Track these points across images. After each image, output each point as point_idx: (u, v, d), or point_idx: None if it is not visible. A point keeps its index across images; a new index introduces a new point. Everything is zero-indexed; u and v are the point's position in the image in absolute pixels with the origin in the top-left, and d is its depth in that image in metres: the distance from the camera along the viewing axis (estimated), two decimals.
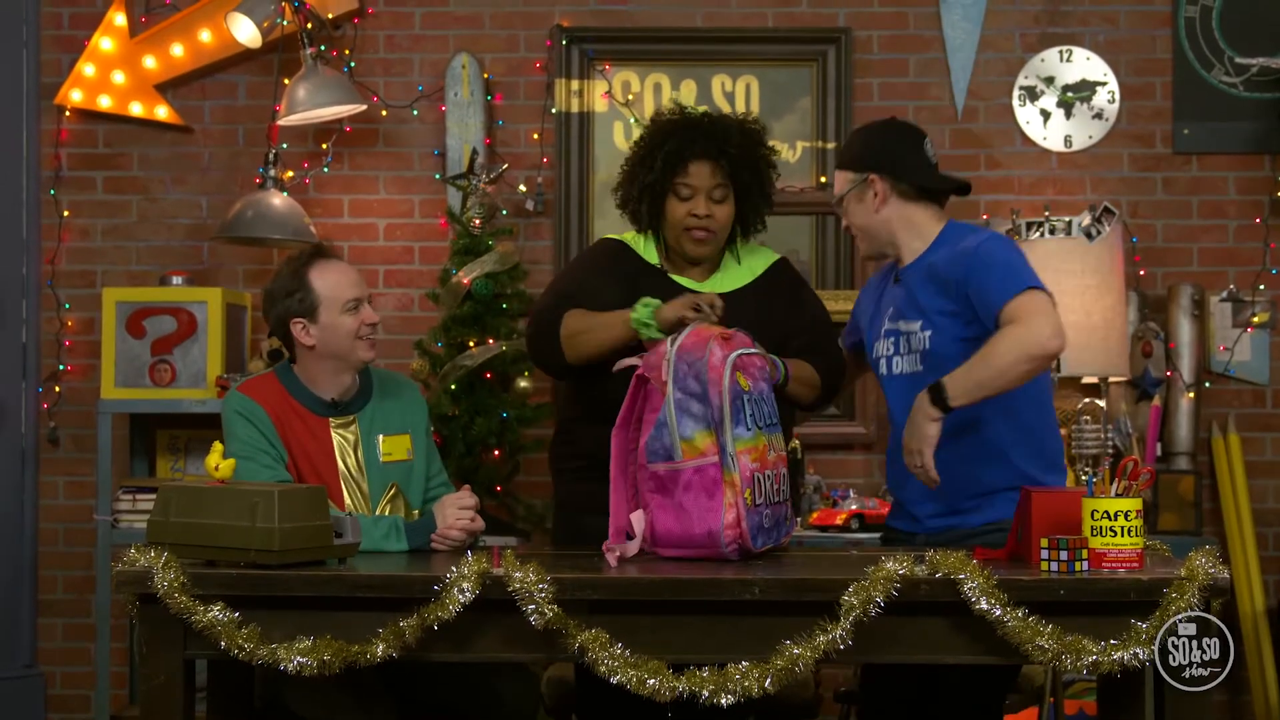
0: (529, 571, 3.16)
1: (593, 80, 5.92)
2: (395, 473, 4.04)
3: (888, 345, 3.96)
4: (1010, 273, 3.74)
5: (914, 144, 4.00)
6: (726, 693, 3.11)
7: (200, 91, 5.99)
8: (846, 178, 3.98)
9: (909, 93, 5.93)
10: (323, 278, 3.97)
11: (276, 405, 3.96)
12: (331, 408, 4.01)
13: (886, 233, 3.95)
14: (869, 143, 4.02)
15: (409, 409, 4.14)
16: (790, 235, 5.87)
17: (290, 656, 3.19)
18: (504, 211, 5.78)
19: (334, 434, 4.00)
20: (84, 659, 5.83)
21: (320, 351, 3.98)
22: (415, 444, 4.10)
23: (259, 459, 3.85)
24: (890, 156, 3.95)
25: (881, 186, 3.92)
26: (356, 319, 3.97)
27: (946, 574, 3.14)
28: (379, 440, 4.03)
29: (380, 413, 4.06)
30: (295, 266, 4.00)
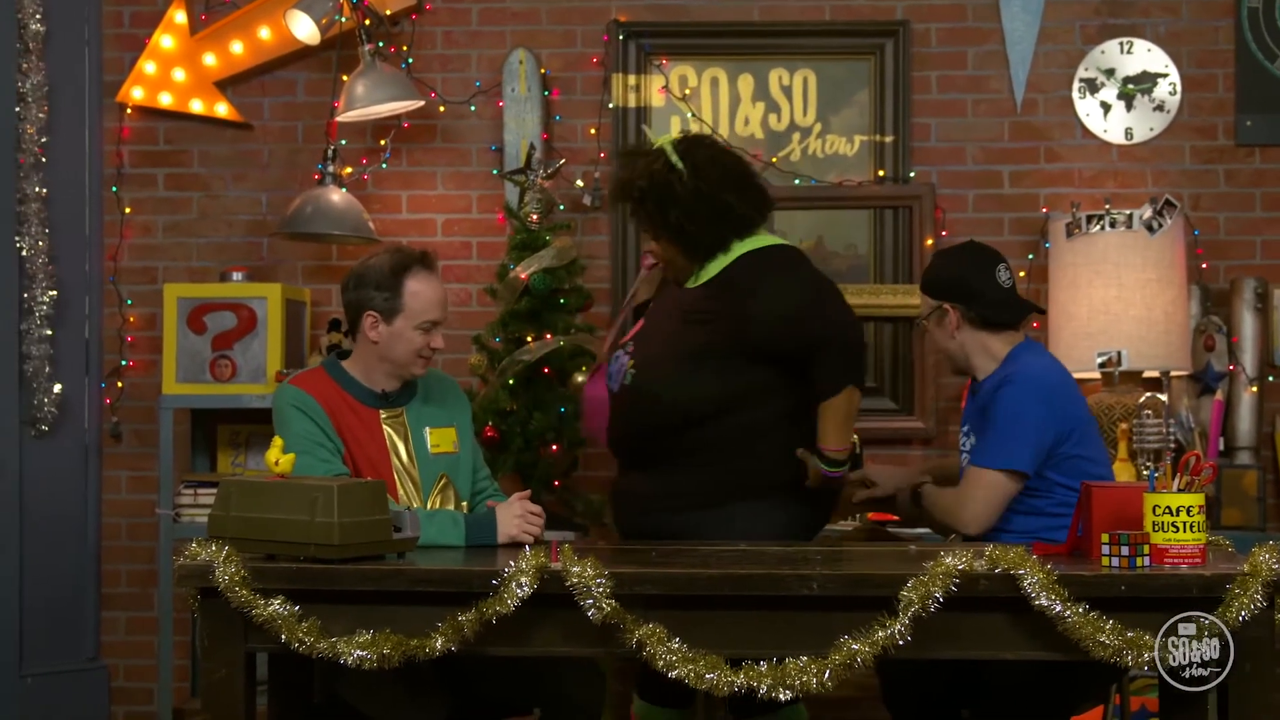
0: (587, 566, 3.16)
1: (649, 75, 5.91)
2: (444, 464, 4.08)
3: (963, 443, 4.32)
4: (999, 441, 4.03)
5: (988, 273, 4.23)
6: (785, 688, 3.11)
7: (260, 88, 6.03)
8: (927, 303, 4.27)
9: (968, 85, 5.89)
10: (416, 290, 4.02)
11: (329, 397, 4.00)
12: (381, 399, 4.06)
13: (962, 355, 4.25)
14: (945, 271, 4.29)
15: (453, 403, 4.21)
16: (848, 229, 5.85)
17: (350, 650, 3.21)
18: (561, 206, 5.78)
19: (384, 425, 4.04)
20: (147, 652, 5.87)
21: (379, 351, 4.03)
22: (461, 437, 4.15)
23: (316, 452, 3.88)
24: (963, 288, 4.21)
25: (955, 316, 4.21)
26: (425, 339, 4.03)
27: (1006, 569, 3.13)
28: (427, 432, 4.08)
29: (426, 406, 4.13)
30: (397, 265, 4.03)
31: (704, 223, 4.25)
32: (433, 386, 4.18)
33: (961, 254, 4.32)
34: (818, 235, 5.88)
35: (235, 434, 5.77)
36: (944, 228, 5.78)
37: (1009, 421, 4.01)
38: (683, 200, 4.24)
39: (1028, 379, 4.07)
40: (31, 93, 5.63)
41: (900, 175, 5.82)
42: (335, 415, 3.98)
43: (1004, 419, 4.02)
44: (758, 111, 5.91)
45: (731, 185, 4.29)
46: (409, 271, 4.03)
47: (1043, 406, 4.02)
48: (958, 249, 4.41)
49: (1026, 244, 5.81)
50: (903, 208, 5.81)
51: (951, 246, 4.51)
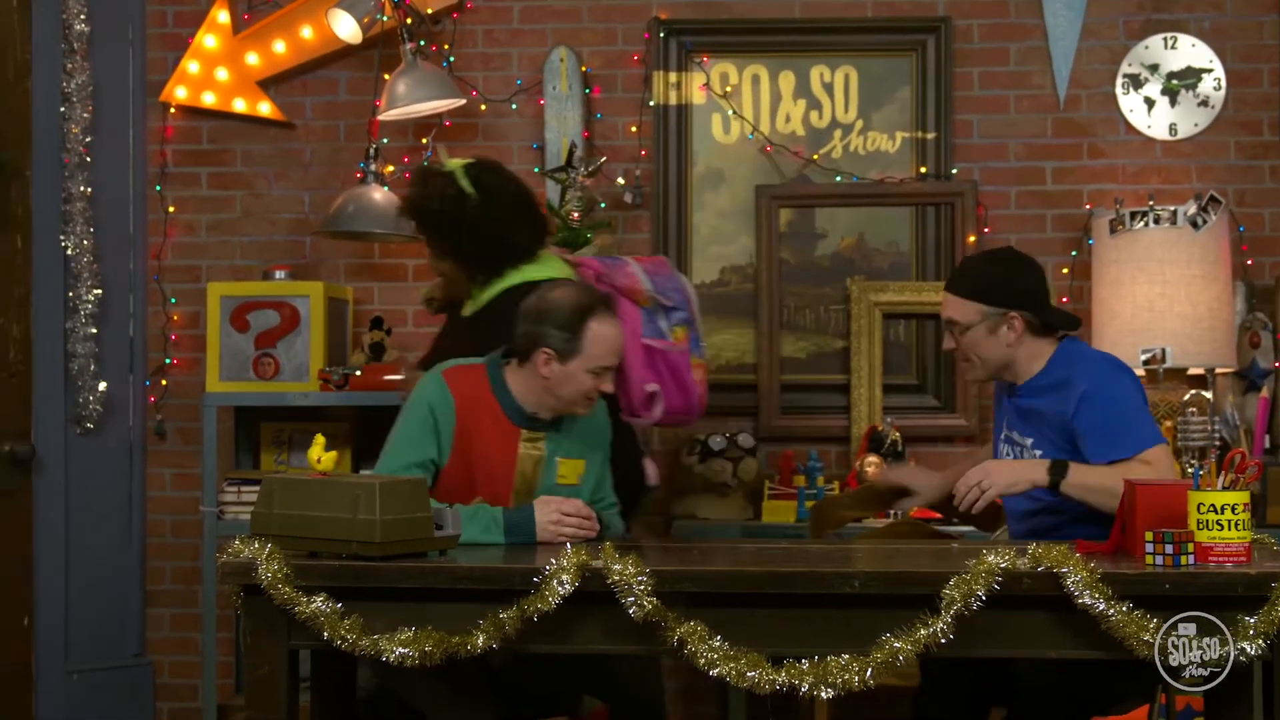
0: (628, 564, 3.17)
1: (690, 72, 5.91)
2: (562, 494, 4.03)
3: (1005, 450, 4.16)
4: (1131, 425, 3.88)
5: (1043, 279, 4.15)
6: (827, 686, 3.11)
7: (302, 87, 6.05)
8: (978, 309, 4.05)
9: (1010, 82, 5.87)
10: (597, 336, 3.95)
11: (472, 399, 3.99)
12: (528, 422, 4.03)
13: (1009, 362, 4.08)
14: (1008, 280, 4.09)
15: (592, 434, 4.15)
16: (890, 226, 5.84)
17: (392, 647, 3.22)
18: (602, 204, 5.79)
19: (521, 446, 4.02)
20: (191, 648, 5.90)
21: (548, 386, 3.98)
22: (588, 470, 4.11)
23: (404, 456, 3.92)
24: (1033, 297, 4.08)
25: (1020, 325, 4.03)
26: (595, 382, 3.98)
27: (1049, 567, 3.12)
28: (557, 462, 4.06)
29: (567, 436, 4.09)
30: (581, 308, 3.96)
31: (486, 247, 4.45)
32: (580, 416, 4.10)
33: (1018, 261, 4.19)
34: (859, 233, 5.87)
35: (278, 431, 5.80)
36: (986, 225, 5.76)
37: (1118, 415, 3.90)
38: (471, 224, 4.45)
39: (1109, 365, 4.03)
40: (76, 92, 5.67)
41: (942, 172, 5.80)
42: (468, 418, 3.98)
43: (1112, 419, 3.89)
44: (799, 108, 5.90)
45: (515, 213, 4.52)
46: (593, 314, 3.96)
47: (1136, 386, 4.00)
48: (1011, 255, 4.23)
49: (1069, 241, 5.78)
50: (944, 205, 5.79)
51: (994, 254, 4.31)
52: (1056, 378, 4.02)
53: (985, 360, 4.09)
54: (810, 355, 5.87)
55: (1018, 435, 4.11)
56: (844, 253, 5.88)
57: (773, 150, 5.87)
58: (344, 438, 5.74)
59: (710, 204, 5.91)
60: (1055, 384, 4.01)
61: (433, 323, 5.78)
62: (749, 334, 5.87)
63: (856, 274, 5.83)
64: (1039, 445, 4.02)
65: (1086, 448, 3.89)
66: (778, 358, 5.82)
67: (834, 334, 5.85)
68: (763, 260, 5.82)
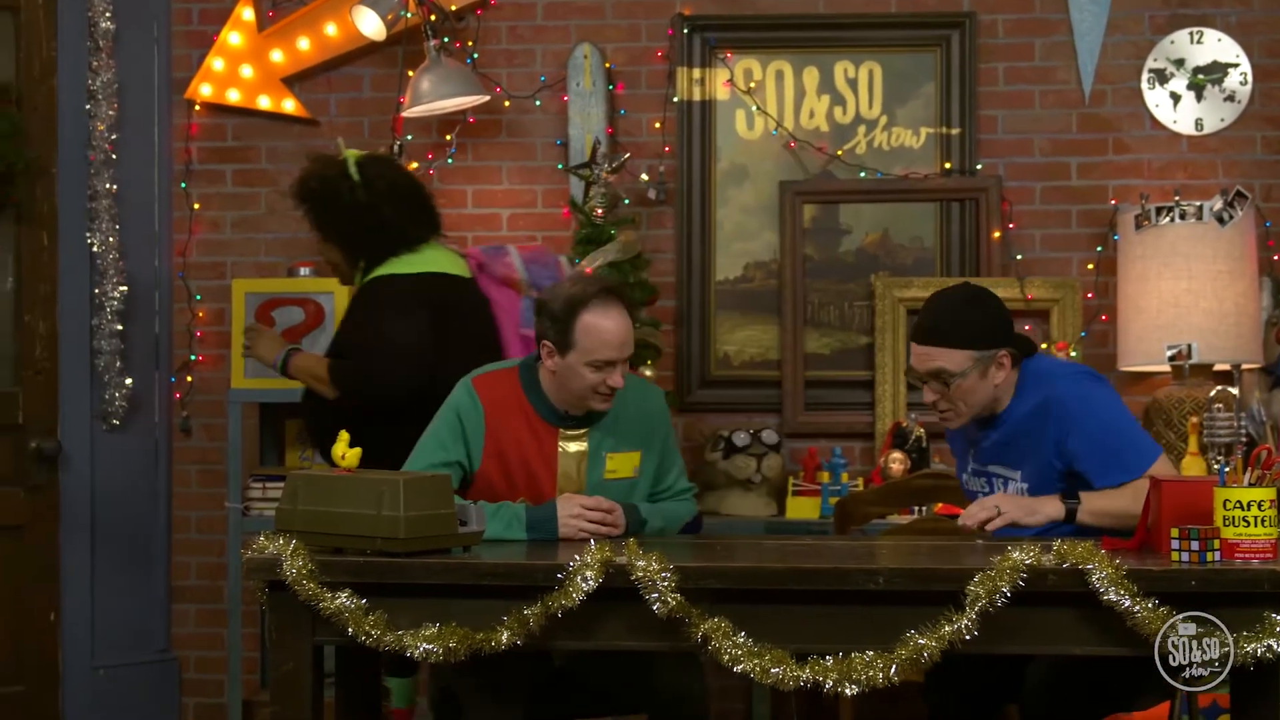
0: (652, 560, 3.17)
1: (714, 68, 5.91)
2: (614, 489, 4.00)
3: (980, 483, 4.05)
4: (1128, 444, 3.83)
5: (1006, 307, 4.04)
6: (850, 682, 3.10)
7: (326, 84, 6.06)
8: (969, 356, 3.86)
9: (1035, 77, 5.85)
10: (589, 328, 3.85)
11: (502, 403, 3.96)
12: (562, 420, 4.00)
13: (992, 398, 3.94)
14: (988, 320, 3.93)
15: (647, 423, 4.08)
16: (914, 221, 5.83)
17: (416, 643, 3.23)
18: (626, 201, 5.78)
19: (561, 444, 3.99)
20: (217, 644, 5.92)
21: (558, 380, 3.94)
22: (644, 461, 4.07)
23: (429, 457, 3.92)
24: (1010, 330, 3.96)
25: (1009, 362, 3.92)
26: (599, 377, 3.88)
27: (1074, 564, 3.11)
28: (605, 458, 4.02)
29: (614, 428, 4.03)
30: (573, 298, 3.89)
31: (363, 232, 4.63)
32: (630, 404, 4.04)
33: (986, 297, 4.02)
34: (884, 228, 5.86)
35: (303, 428, 5.81)
36: (1011, 220, 5.74)
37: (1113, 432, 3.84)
38: (347, 207, 4.63)
39: (1082, 379, 3.94)
40: (102, 90, 5.69)
41: (967, 168, 5.78)
42: (499, 424, 3.95)
43: (1109, 438, 3.82)
44: (823, 104, 5.89)
45: (395, 201, 4.67)
46: (586, 306, 3.86)
47: (1116, 397, 3.94)
48: (976, 294, 4.04)
49: (1095, 236, 5.76)
50: (969, 200, 5.78)
51: (963, 296, 3.99)
52: (1034, 403, 3.90)
53: (972, 405, 3.92)
54: (834, 351, 5.86)
55: (1000, 468, 3.98)
56: (868, 249, 5.87)
57: (797, 146, 5.86)
58: None
59: (734, 200, 5.91)
60: (1035, 410, 3.89)
61: None
62: (773, 330, 5.86)
63: (881, 270, 5.82)
64: (1029, 478, 3.91)
65: (1091, 476, 3.81)
66: (802, 354, 5.82)
67: (858, 330, 5.84)
68: (787, 256, 5.82)
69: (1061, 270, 5.77)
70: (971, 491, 4.09)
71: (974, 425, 4.01)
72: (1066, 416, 3.83)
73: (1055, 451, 3.84)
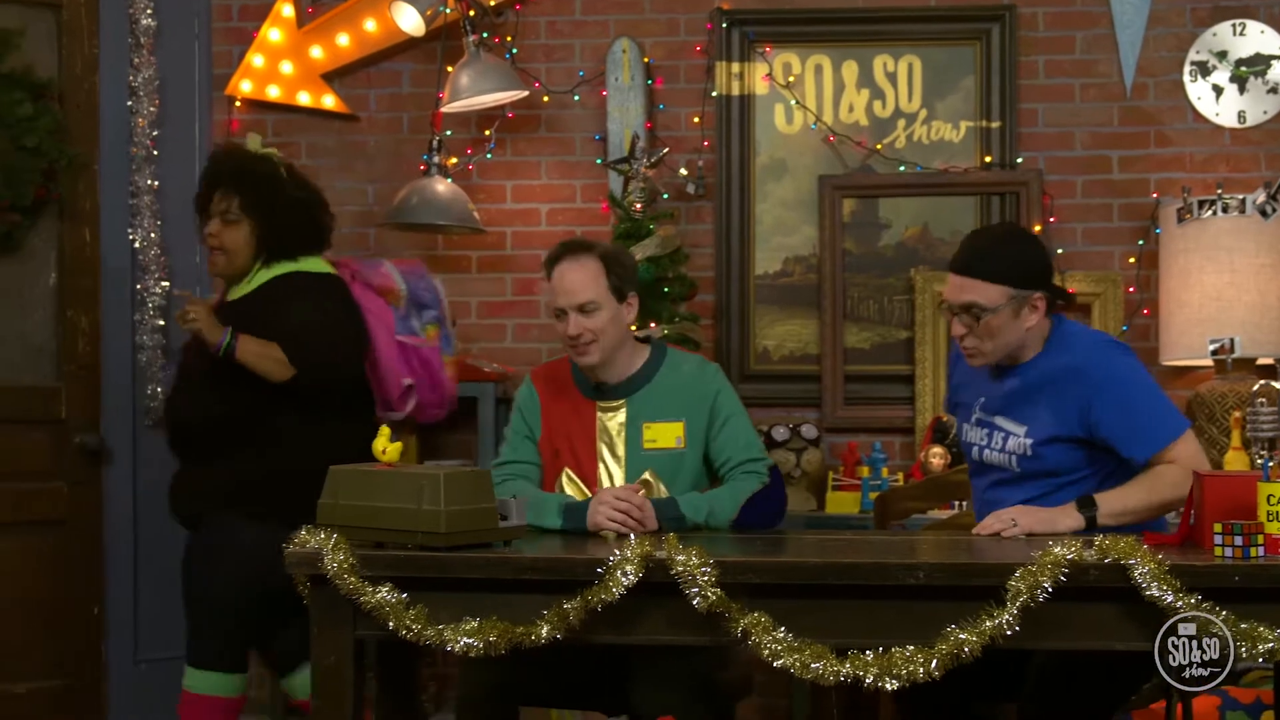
0: (692, 555, 3.16)
1: (753, 63, 5.90)
2: (657, 460, 4.03)
3: (979, 434, 4.00)
4: (1154, 417, 3.78)
5: (1050, 253, 4.02)
6: (891, 677, 3.09)
7: (365, 80, 6.08)
8: (1004, 292, 3.84)
9: (1075, 70, 5.82)
10: (555, 277, 4.04)
11: (553, 384, 4.13)
12: (595, 391, 4.08)
13: (1020, 342, 3.91)
14: (1029, 259, 3.91)
15: (690, 393, 4.08)
16: (954, 215, 5.81)
17: (456, 637, 3.23)
18: (665, 195, 5.78)
19: (599, 417, 4.07)
20: None
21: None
22: (689, 432, 4.06)
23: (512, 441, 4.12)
24: (1048, 274, 3.93)
25: (1043, 305, 3.88)
26: (562, 327, 4.01)
27: (1116, 559, 3.09)
28: (643, 428, 4.05)
29: (653, 399, 4.06)
30: (552, 254, 4.09)
31: (294, 224, 4.67)
32: (674, 377, 4.09)
33: (1031, 238, 4.04)
34: (923, 222, 5.84)
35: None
36: (1052, 214, 5.72)
37: (1142, 398, 3.79)
38: (287, 197, 4.68)
39: (1110, 347, 3.89)
40: (143, 86, 5.73)
41: (1007, 161, 5.76)
42: (550, 405, 4.10)
43: (1139, 403, 3.78)
44: (862, 98, 5.88)
45: (321, 206, 4.82)
46: (559, 259, 4.05)
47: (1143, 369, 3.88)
48: (1021, 232, 4.05)
49: (1136, 230, 5.73)
50: (1009, 194, 5.75)
51: (1007, 232, 4.09)
52: (1062, 364, 3.86)
53: (999, 345, 3.88)
54: (874, 346, 5.85)
55: (1006, 421, 3.92)
56: (908, 243, 5.85)
57: (836, 140, 5.85)
58: (409, 429, 5.76)
59: (773, 194, 5.90)
60: (1062, 371, 3.85)
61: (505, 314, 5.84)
62: (812, 325, 5.85)
63: (920, 264, 5.81)
64: (1034, 434, 3.85)
65: (1118, 445, 3.78)
66: (841, 348, 5.81)
67: (898, 324, 5.83)
68: (826, 250, 5.81)
69: (1103, 264, 5.74)
70: (968, 443, 4.04)
71: (990, 370, 3.98)
72: (1095, 383, 3.79)
73: (1079, 419, 3.80)
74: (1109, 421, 3.78)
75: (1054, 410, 3.83)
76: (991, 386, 3.99)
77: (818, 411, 5.80)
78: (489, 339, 5.97)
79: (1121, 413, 3.78)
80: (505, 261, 5.99)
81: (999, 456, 3.93)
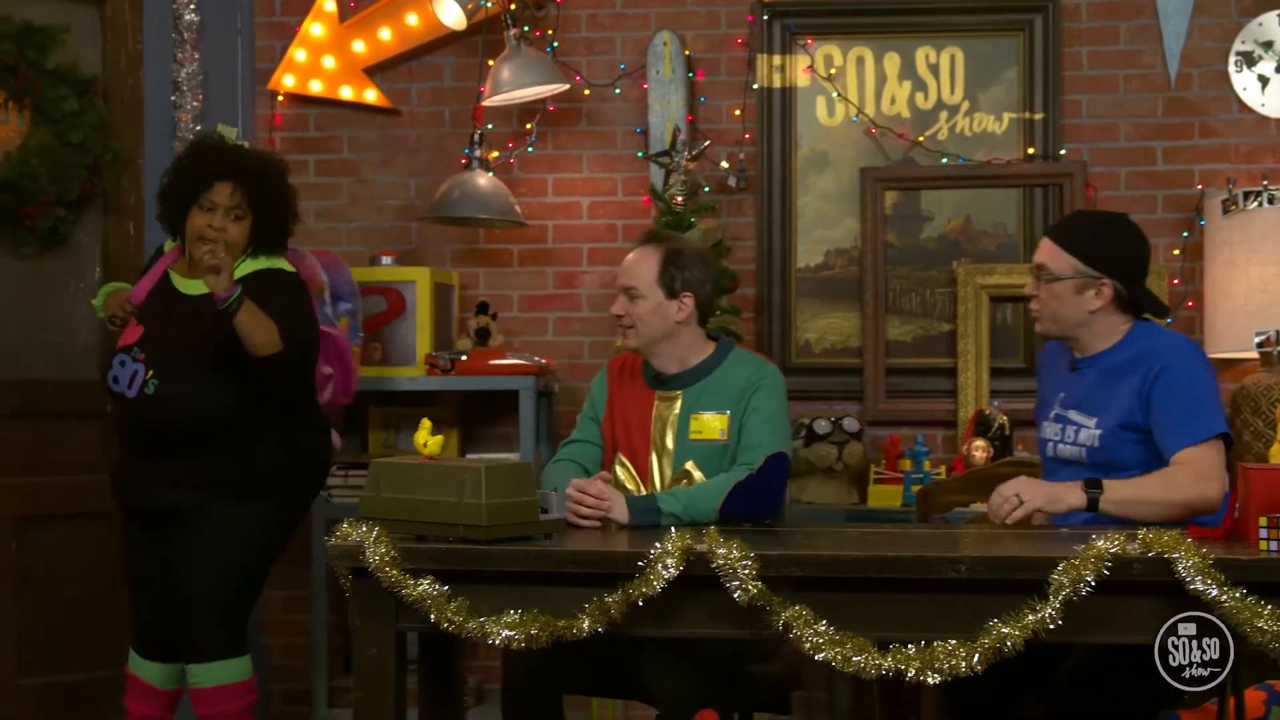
0: (733, 548, 3.16)
1: (794, 55, 5.88)
2: (701, 451, 4.07)
3: (1055, 430, 4.01)
4: (1195, 413, 3.76)
5: (1148, 257, 4.02)
6: (933, 671, 3.08)
7: (407, 74, 6.09)
8: (1073, 265, 3.91)
9: (1119, 61, 5.79)
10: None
11: (625, 372, 4.27)
12: (655, 381, 4.18)
13: (1083, 327, 3.95)
14: (1113, 245, 3.95)
15: (741, 389, 4.10)
16: (997, 208, 5.78)
17: (498, 630, 3.24)
18: (706, 188, 5.78)
19: (656, 406, 4.15)
20: (302, 630, 5.97)
21: None
22: (733, 425, 4.08)
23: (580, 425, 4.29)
24: (1130, 267, 3.95)
25: (1110, 293, 3.91)
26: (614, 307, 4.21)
27: (1160, 553, 3.07)
28: (691, 418, 4.10)
29: (707, 391, 4.12)
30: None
31: (286, 223, 4.59)
32: (729, 371, 4.14)
33: (1128, 231, 4.03)
34: (965, 215, 5.82)
35: (386, 416, 5.85)
36: (1095, 206, 5.69)
37: (1192, 391, 3.78)
38: (289, 190, 4.60)
39: (1185, 348, 3.89)
40: (186, 81, 5.76)
41: (1050, 153, 5.73)
42: (617, 392, 4.23)
43: (1185, 393, 3.78)
44: (904, 90, 5.86)
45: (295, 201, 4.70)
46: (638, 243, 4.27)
47: (1212, 374, 3.88)
48: (1124, 224, 4.08)
49: (1181, 222, 5.70)
50: (1053, 186, 5.73)
51: (1109, 216, 4.18)
52: (1135, 351, 3.88)
53: (1060, 318, 3.94)
54: (916, 339, 5.83)
55: (1078, 415, 3.94)
56: (950, 235, 5.83)
57: (878, 132, 5.83)
58: (450, 422, 5.78)
59: (815, 187, 5.88)
60: (1135, 357, 3.86)
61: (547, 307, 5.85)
62: (854, 318, 5.84)
63: (963, 256, 5.79)
64: (1103, 424, 3.86)
65: (1156, 431, 3.78)
66: (883, 341, 5.79)
67: (940, 317, 5.81)
68: (868, 243, 5.79)
69: None
70: (1043, 440, 4.06)
71: (1069, 362, 4.01)
72: (1161, 366, 3.80)
73: (1139, 402, 3.81)
74: (1158, 405, 3.78)
75: (1122, 397, 3.84)
76: (1069, 381, 4.01)
77: (859, 405, 5.79)
78: (530, 332, 5.98)
79: (1170, 399, 3.78)
80: (546, 255, 6.00)
81: (1071, 450, 3.94)
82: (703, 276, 4.16)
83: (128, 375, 4.41)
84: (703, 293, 4.16)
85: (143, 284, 4.58)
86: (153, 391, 4.37)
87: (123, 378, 4.41)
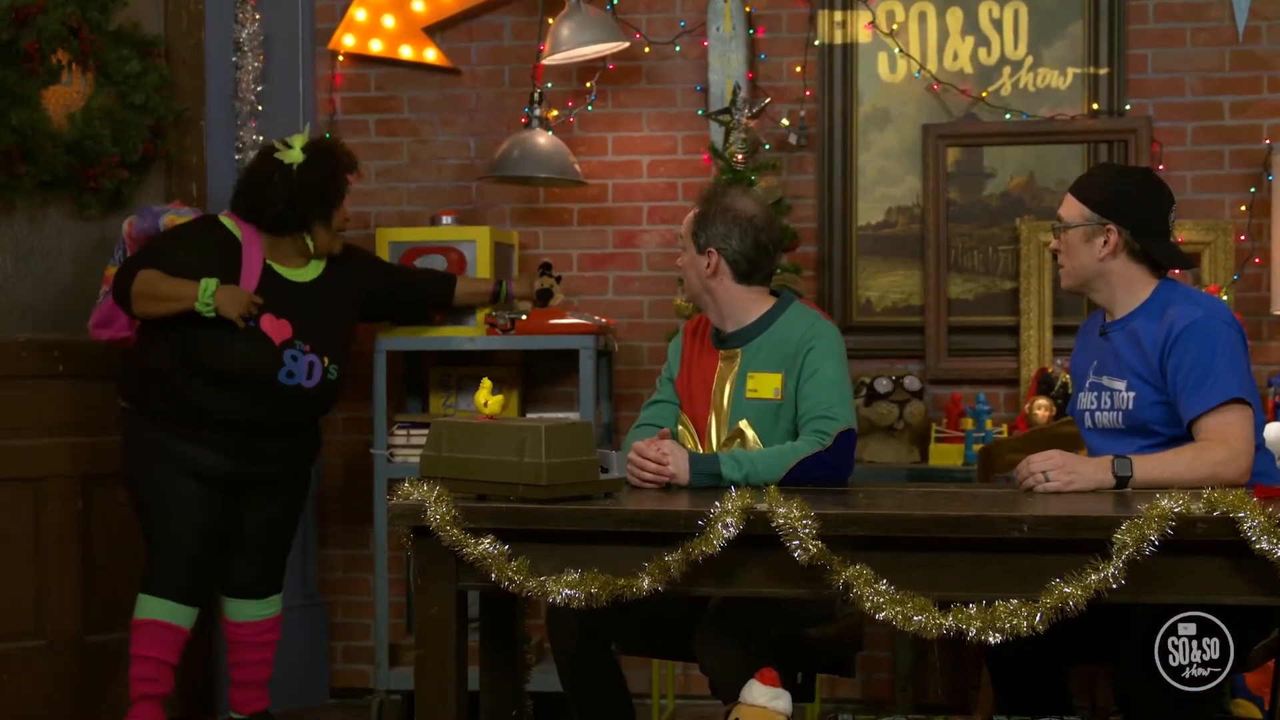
0: (793, 507, 3.16)
1: (856, 11, 5.83)
2: (754, 410, 4.06)
3: (1090, 399, 3.95)
4: (1208, 376, 3.67)
5: (1164, 209, 3.93)
6: (994, 631, 3.07)
7: (467, 33, 6.08)
8: (1082, 213, 3.90)
9: (1186, 14, 5.71)
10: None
11: (698, 332, 4.31)
12: (718, 340, 4.21)
13: (1100, 280, 3.91)
14: (1122, 193, 3.90)
15: (792, 346, 4.07)
16: (1060, 164, 5.72)
17: (558, 589, 3.25)
18: (767, 146, 5.75)
19: (720, 364, 4.17)
20: (363, 589, 6.02)
21: None
22: (786, 385, 4.06)
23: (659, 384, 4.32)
24: (1138, 215, 3.88)
25: (1116, 240, 3.85)
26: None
27: (1225, 512, 3.04)
28: (748, 377, 4.11)
29: (763, 350, 4.12)
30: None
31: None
32: (787, 330, 4.12)
33: (1143, 180, 3.97)
34: (1029, 171, 5.76)
35: (446, 376, 5.87)
36: (1161, 161, 5.62)
37: (1208, 356, 3.70)
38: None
39: (1208, 309, 3.78)
40: (248, 42, 5.78)
41: (1115, 108, 5.67)
42: (689, 352, 4.27)
43: (1202, 358, 3.70)
44: (967, 46, 5.80)
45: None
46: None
47: (1241, 337, 3.80)
48: (1137, 173, 4.03)
49: (1248, 177, 5.62)
50: (1118, 141, 5.66)
51: (1126, 169, 4.13)
52: (1158, 311, 3.81)
53: (1074, 269, 3.91)
54: (978, 296, 5.79)
55: (1109, 380, 3.88)
56: (1013, 192, 5.78)
57: (940, 89, 5.78)
58: (510, 381, 5.79)
59: (876, 144, 5.84)
60: (1157, 318, 3.79)
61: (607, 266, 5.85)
62: (916, 275, 5.81)
63: (1026, 214, 5.74)
64: (1133, 388, 3.80)
65: (1174, 394, 3.71)
66: (945, 299, 5.76)
67: (1002, 275, 5.77)
68: (930, 200, 5.75)
69: (1213, 212, 5.64)
70: (1080, 411, 3.99)
71: (1098, 327, 3.97)
72: (1180, 330, 3.73)
73: (1159, 362, 3.74)
74: (1174, 368, 3.71)
75: (1146, 358, 3.78)
76: (1100, 348, 3.95)
77: (921, 363, 5.76)
78: (590, 291, 5.98)
79: (1185, 362, 3.70)
80: (606, 214, 5.99)
81: (1109, 416, 3.87)
82: (726, 232, 4.12)
83: (303, 368, 4.88)
84: (729, 249, 4.11)
85: (245, 280, 4.90)
86: (335, 377, 4.95)
87: (299, 371, 4.87)
